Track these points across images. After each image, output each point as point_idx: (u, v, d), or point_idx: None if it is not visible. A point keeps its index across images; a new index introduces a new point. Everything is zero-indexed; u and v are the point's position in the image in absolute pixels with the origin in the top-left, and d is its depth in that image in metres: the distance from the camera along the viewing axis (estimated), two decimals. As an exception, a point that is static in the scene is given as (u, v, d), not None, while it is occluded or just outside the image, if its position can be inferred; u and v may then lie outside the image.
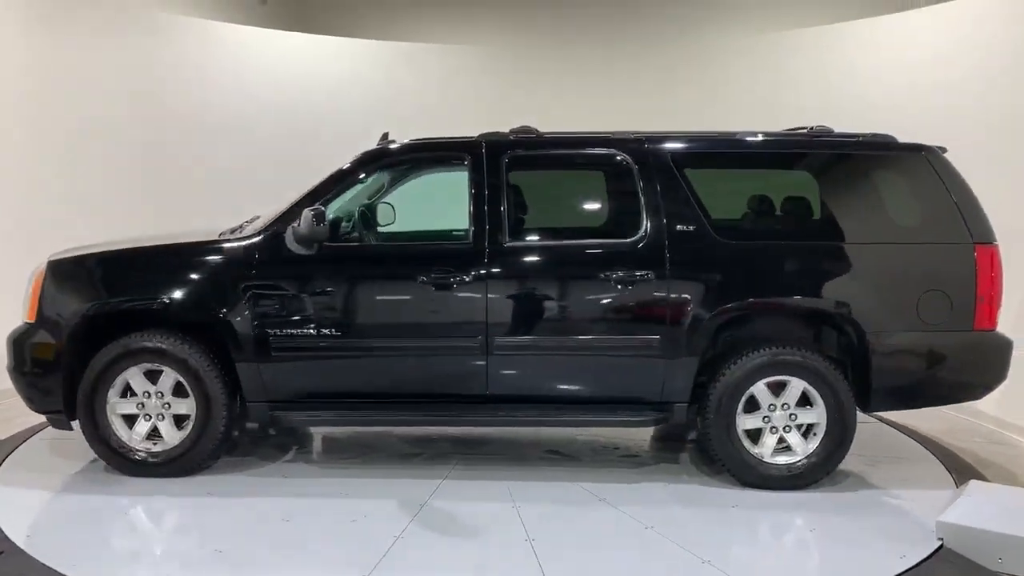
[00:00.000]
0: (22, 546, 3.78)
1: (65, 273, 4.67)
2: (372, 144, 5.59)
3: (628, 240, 4.58)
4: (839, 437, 4.55)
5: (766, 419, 4.59)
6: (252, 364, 4.55)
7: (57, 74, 7.71)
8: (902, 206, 4.67)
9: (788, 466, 4.58)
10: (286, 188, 6.34)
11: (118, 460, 4.61)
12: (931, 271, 4.54)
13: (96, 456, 4.67)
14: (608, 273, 4.52)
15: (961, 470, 4.99)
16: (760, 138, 4.87)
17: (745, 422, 4.58)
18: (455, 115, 8.51)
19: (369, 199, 5.67)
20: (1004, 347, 4.56)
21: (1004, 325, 4.62)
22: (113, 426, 4.58)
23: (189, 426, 4.59)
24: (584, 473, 4.86)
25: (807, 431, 4.59)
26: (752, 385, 4.55)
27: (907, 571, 3.67)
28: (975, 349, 4.57)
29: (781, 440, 4.61)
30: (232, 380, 4.61)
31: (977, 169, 5.15)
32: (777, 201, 4.88)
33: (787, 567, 3.89)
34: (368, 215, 4.96)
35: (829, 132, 4.81)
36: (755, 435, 4.61)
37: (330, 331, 4.53)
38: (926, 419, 5.89)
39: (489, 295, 4.50)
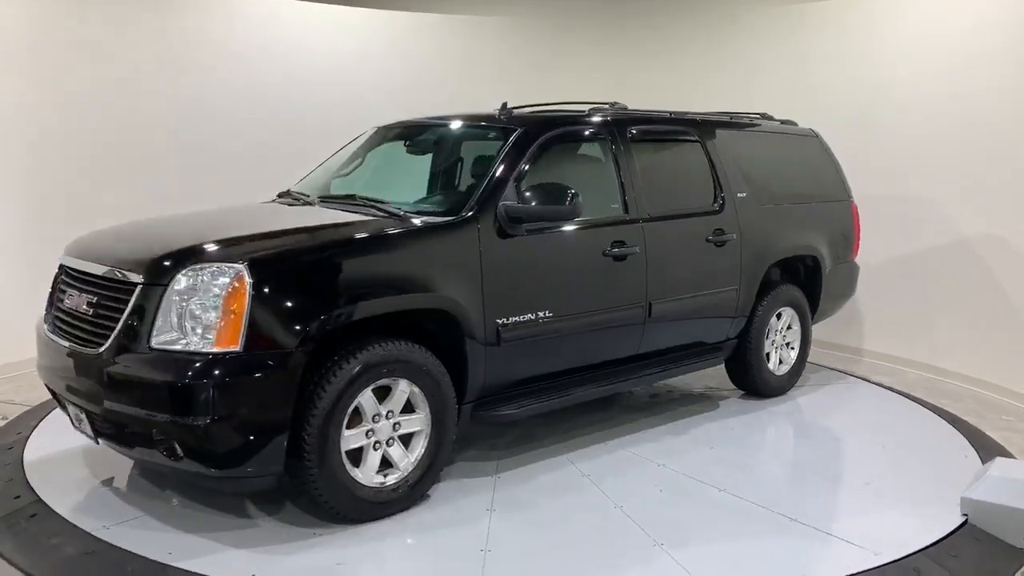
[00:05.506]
0: (55, 507, 3.75)
1: (291, 276, 3.42)
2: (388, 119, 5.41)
3: (714, 206, 5.34)
4: (806, 347, 6.13)
5: (772, 342, 5.90)
6: (482, 356, 4.05)
7: (72, 48, 6.79)
8: (820, 175, 6.35)
9: (784, 377, 5.99)
10: (304, 162, 5.64)
11: (361, 506, 3.63)
12: (840, 221, 6.36)
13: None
14: (710, 237, 5.23)
15: (987, 447, 5.01)
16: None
17: (765, 347, 5.82)
18: (478, 89, 7.70)
19: (347, 174, 5.23)
20: (858, 270, 6.65)
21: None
22: (346, 466, 3.58)
23: (420, 445, 3.85)
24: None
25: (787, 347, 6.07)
26: (770, 318, 5.80)
27: (931, 546, 3.67)
28: (852, 273, 6.58)
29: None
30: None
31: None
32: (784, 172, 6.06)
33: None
34: None
35: (771, 118, 6.22)
36: (767, 357, 5.87)
37: (545, 312, 4.29)
38: (953, 397, 6.18)
39: (648, 262, 4.81)
